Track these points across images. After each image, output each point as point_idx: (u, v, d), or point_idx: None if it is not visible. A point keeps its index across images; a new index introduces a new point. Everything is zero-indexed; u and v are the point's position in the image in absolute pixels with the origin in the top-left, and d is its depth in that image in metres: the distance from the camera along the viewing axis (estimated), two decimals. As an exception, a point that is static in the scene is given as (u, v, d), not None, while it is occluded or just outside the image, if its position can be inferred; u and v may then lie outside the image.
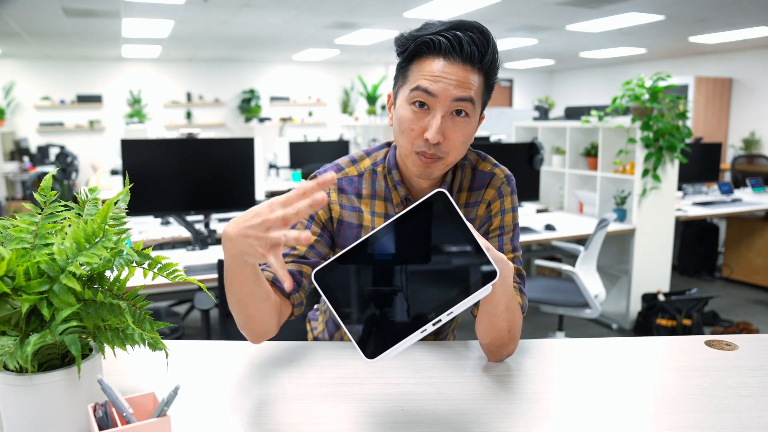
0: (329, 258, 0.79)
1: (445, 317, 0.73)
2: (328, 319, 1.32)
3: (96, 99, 9.62)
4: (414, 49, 1.01)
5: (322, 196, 0.72)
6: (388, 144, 1.20)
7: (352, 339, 0.74)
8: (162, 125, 9.99)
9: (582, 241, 3.37)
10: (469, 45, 0.98)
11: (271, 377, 1.00)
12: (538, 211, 4.31)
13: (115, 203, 0.83)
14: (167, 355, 0.81)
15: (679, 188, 4.95)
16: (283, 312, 1.04)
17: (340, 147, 5.76)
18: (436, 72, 0.98)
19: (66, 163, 7.19)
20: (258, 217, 0.76)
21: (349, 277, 0.76)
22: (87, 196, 0.88)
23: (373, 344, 0.73)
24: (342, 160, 1.19)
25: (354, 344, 0.74)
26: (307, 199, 0.73)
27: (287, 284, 0.72)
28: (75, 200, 0.89)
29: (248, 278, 0.88)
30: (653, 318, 3.64)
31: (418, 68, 1.00)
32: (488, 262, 0.73)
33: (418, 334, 0.72)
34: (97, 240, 0.76)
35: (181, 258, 2.68)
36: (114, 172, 5.17)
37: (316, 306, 1.43)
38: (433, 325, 0.72)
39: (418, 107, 1.01)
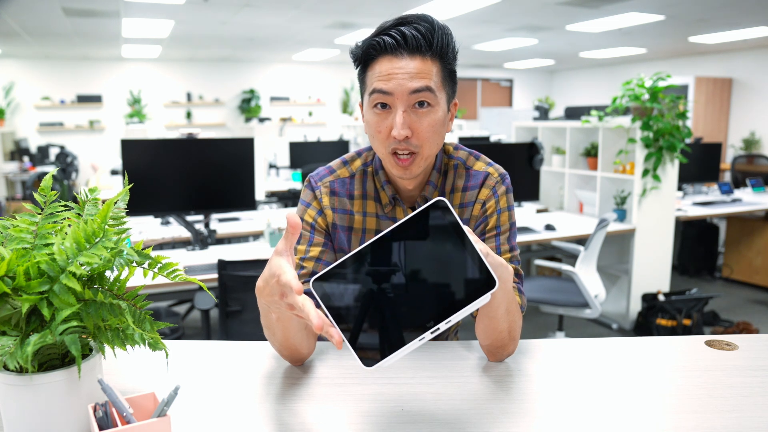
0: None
1: (443, 326, 0.73)
2: None
3: (96, 99, 9.62)
4: (363, 55, 1.03)
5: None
6: None
7: (349, 347, 0.74)
8: (162, 125, 9.99)
9: (582, 241, 3.37)
10: (414, 37, 0.99)
11: (271, 377, 1.00)
12: (538, 211, 4.31)
13: (115, 203, 0.83)
14: (167, 355, 0.81)
15: (679, 188, 4.95)
16: (316, 335, 1.07)
17: (340, 147, 5.75)
18: (388, 71, 1.00)
19: (66, 163, 7.20)
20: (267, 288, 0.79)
21: (347, 285, 0.76)
22: (87, 196, 0.88)
23: (371, 353, 0.73)
24: (334, 163, 1.20)
25: (352, 352, 0.74)
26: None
27: (335, 339, 0.71)
28: (75, 200, 0.89)
29: (288, 319, 0.91)
30: (653, 318, 3.64)
31: (372, 72, 1.03)
32: (487, 272, 0.73)
33: (416, 343, 0.72)
34: (97, 240, 0.76)
35: (181, 258, 2.68)
36: (114, 172, 5.17)
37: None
38: (431, 333, 0.72)
39: (381, 109, 1.02)
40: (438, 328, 0.72)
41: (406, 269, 0.76)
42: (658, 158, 3.62)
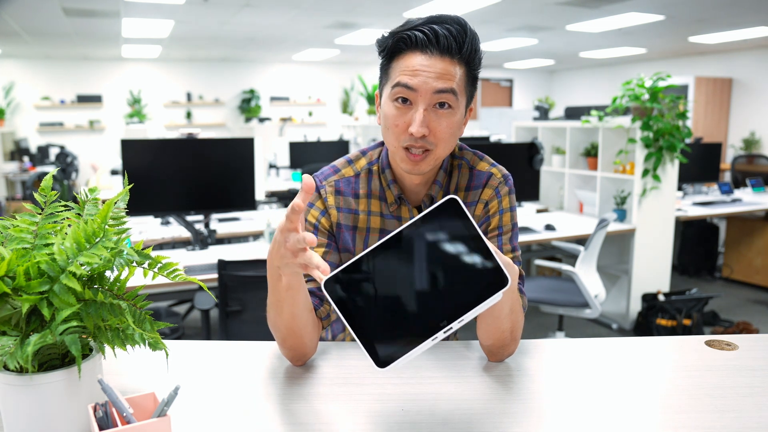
0: (342, 264, 0.79)
1: (456, 325, 0.72)
2: (334, 320, 1.32)
3: (96, 99, 9.61)
4: (392, 46, 1.02)
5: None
6: (383, 143, 1.20)
7: (362, 348, 0.73)
8: (162, 125, 9.99)
9: (582, 241, 3.37)
10: (446, 37, 0.98)
11: (271, 377, 1.00)
12: (538, 211, 4.31)
13: (115, 203, 0.83)
14: (167, 355, 0.81)
15: (679, 188, 4.94)
16: (319, 330, 1.07)
17: (340, 147, 5.75)
18: (415, 66, 0.99)
19: (66, 163, 7.19)
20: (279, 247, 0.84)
21: (359, 286, 0.75)
22: (87, 196, 0.88)
23: (384, 353, 0.72)
24: (339, 162, 1.20)
25: (364, 353, 0.73)
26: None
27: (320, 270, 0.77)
28: (75, 200, 0.89)
29: (297, 288, 0.92)
30: (653, 318, 3.64)
31: (398, 65, 1.02)
32: (499, 270, 0.73)
33: (428, 343, 0.72)
34: (97, 240, 0.76)
35: (181, 258, 2.68)
36: (114, 172, 5.16)
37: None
38: (444, 333, 0.72)
39: (401, 103, 1.02)
40: (451, 328, 0.72)
41: (417, 268, 0.75)
42: (658, 158, 3.62)
